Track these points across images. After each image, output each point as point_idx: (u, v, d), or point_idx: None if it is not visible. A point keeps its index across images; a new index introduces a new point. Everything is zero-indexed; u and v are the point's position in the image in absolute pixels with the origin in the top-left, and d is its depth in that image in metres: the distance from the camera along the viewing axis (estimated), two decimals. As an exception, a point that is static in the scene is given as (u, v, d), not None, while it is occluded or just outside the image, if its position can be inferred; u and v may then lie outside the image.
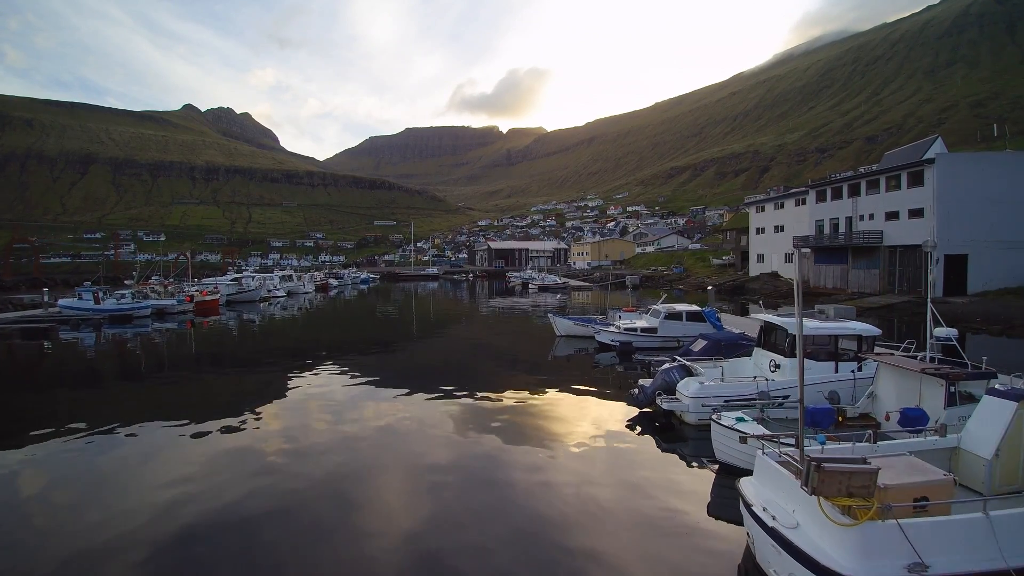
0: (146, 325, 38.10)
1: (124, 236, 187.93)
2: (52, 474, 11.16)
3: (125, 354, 28.17)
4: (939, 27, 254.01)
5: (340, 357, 25.16)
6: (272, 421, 14.63)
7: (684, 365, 14.23)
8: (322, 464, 11.22)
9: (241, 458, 11.62)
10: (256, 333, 36.98)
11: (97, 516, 8.99)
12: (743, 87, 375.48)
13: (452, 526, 8.48)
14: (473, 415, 14.87)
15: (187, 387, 20.03)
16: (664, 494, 9.71)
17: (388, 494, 10.01)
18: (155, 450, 12.38)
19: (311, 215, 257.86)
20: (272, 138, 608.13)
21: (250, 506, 9.20)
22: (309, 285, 74.11)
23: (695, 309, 24.04)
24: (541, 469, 10.81)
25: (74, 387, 20.29)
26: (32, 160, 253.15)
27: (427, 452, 11.92)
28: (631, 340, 23.34)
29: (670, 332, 23.36)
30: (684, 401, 13.03)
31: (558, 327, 28.14)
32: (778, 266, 58.89)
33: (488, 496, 9.64)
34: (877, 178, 44.62)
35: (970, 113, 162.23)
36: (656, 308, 24.66)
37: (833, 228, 49.53)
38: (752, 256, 64.35)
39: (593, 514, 8.87)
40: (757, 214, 64.44)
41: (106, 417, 14.95)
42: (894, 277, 42.88)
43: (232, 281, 58.87)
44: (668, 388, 13.75)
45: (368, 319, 45.81)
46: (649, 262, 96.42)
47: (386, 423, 14.22)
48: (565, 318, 28.45)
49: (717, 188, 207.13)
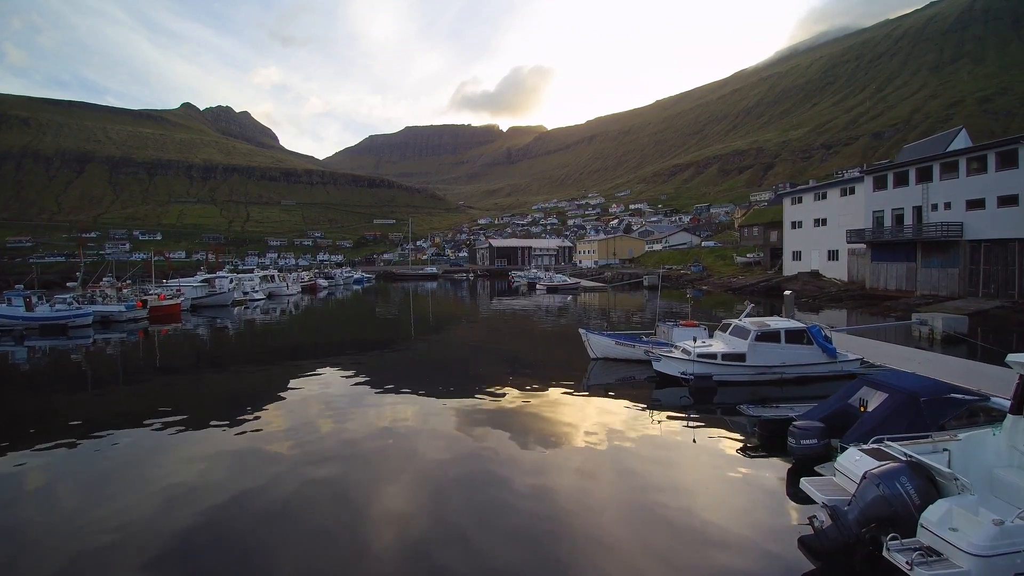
0: (86, 336, 31.71)
1: (120, 236, 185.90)
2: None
3: (32, 375, 22.82)
4: (943, 23, 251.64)
5: (317, 371, 21.85)
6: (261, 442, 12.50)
7: (916, 465, 6.99)
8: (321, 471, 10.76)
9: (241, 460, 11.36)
10: (216, 344, 30.75)
11: (96, 520, 8.79)
12: (745, 84, 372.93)
13: (453, 527, 8.38)
14: (474, 416, 14.29)
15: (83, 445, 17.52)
16: (668, 494, 9.52)
17: (389, 494, 9.86)
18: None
19: (310, 214, 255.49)
20: (271, 137, 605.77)
21: (250, 506, 9.13)
22: (294, 286, 68.00)
23: (796, 326, 17.28)
24: (543, 469, 10.66)
25: None
26: (28, 159, 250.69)
27: (428, 453, 11.70)
28: (710, 372, 16.27)
29: (764, 359, 16.62)
30: (961, 564, 5.78)
31: (593, 347, 20.88)
32: (819, 264, 53.07)
33: (490, 497, 9.51)
34: (955, 160, 37.80)
35: (978, 108, 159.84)
36: (739, 324, 17.60)
37: (896, 220, 42.49)
38: (786, 253, 58.40)
39: (596, 515, 8.75)
40: (793, 206, 58.06)
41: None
42: (977, 277, 36.38)
43: (201, 282, 51.56)
44: (894, 518, 6.57)
45: (359, 323, 42.06)
46: (662, 260, 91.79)
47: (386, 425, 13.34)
48: (602, 335, 21.32)
49: (721, 185, 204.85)
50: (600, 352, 20.71)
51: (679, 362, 16.83)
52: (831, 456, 9.16)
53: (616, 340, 20.69)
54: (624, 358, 20.17)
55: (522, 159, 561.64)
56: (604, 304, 49.98)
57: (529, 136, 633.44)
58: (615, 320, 37.66)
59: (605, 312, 43.51)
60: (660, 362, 17.52)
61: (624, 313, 42.22)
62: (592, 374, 19.27)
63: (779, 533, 7.98)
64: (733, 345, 17.03)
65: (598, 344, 20.81)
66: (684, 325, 20.82)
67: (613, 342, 20.59)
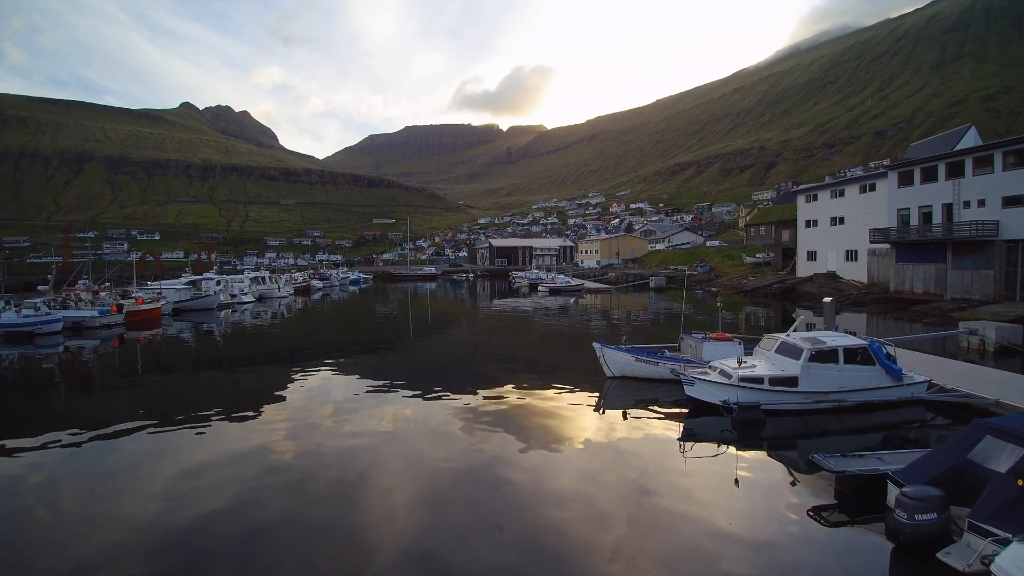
0: (55, 344, 29.54)
1: (118, 235, 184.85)
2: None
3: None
4: (944, 22, 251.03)
5: (287, 386, 21.04)
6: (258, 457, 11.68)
7: None
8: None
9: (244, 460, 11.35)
10: (199, 350, 28.82)
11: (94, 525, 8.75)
12: (745, 83, 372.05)
13: (453, 526, 8.33)
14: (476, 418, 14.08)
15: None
16: (671, 495, 9.38)
17: (389, 494, 9.82)
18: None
19: (309, 213, 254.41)
20: (271, 136, 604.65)
21: (251, 506, 9.10)
22: (286, 288, 64.85)
23: (856, 343, 14.55)
24: (544, 470, 10.58)
25: None
26: (27, 159, 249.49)
27: (429, 454, 11.69)
28: (757, 400, 13.42)
29: (821, 384, 13.89)
30: None
31: (609, 364, 18.09)
32: (837, 265, 50.34)
33: (491, 497, 9.40)
34: (990, 154, 35.41)
35: (981, 107, 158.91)
36: (788, 340, 14.86)
37: (924, 218, 40.09)
38: (800, 253, 55.83)
39: (597, 516, 8.66)
40: (807, 204, 55.24)
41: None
42: (1014, 280, 34.08)
43: (186, 285, 48.33)
44: None
45: (352, 326, 40.95)
46: (666, 260, 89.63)
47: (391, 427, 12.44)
48: (619, 349, 18.17)
49: (722, 185, 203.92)
50: (617, 370, 18.00)
51: (718, 387, 14.02)
52: (951, 535, 7.27)
53: (636, 356, 17.84)
54: (646, 377, 17.57)
55: (522, 158, 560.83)
56: (607, 305, 48.79)
57: (529, 135, 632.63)
58: (633, 322, 36.11)
59: (615, 318, 40.94)
60: (694, 386, 14.54)
61: (642, 317, 40.62)
62: (608, 395, 16.61)
63: None
64: (781, 366, 14.24)
65: (615, 360, 17.99)
66: (715, 339, 17.75)
67: (633, 358, 17.81)
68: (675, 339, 19.71)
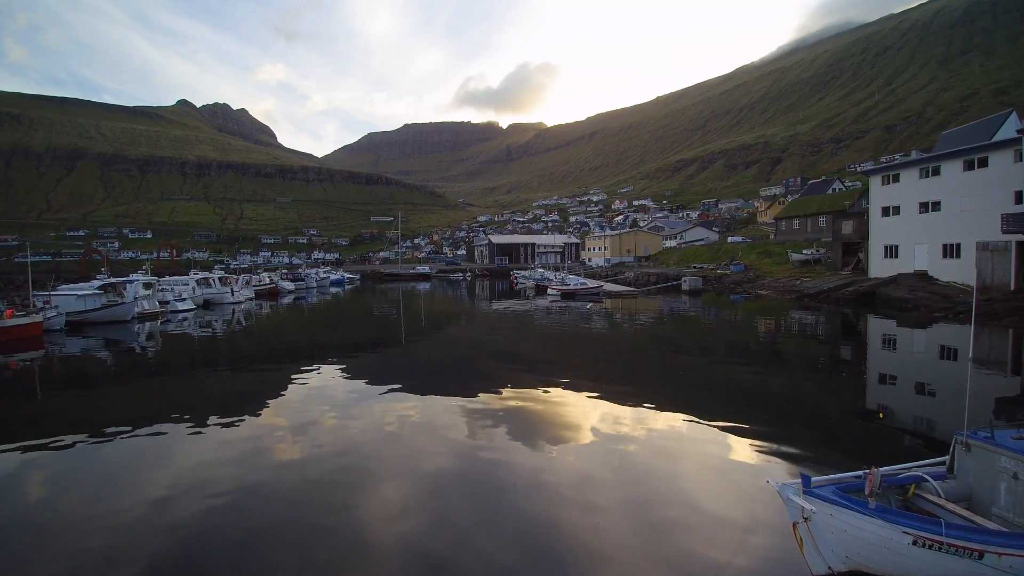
0: None
1: (109, 234, 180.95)
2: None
3: None
4: (950, 16, 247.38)
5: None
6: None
7: None
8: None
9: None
10: (60, 382, 20.70)
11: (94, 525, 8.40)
12: (748, 79, 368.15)
13: (453, 526, 8.22)
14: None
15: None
16: (673, 497, 9.04)
17: (389, 494, 9.57)
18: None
19: (305, 211, 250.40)
20: (269, 134, 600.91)
21: (250, 507, 8.95)
22: (243, 291, 55.12)
23: None
24: (545, 470, 10.18)
25: None
26: (18, 156, 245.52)
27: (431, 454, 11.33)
28: None
29: None
30: None
31: (827, 541, 6.20)
32: (929, 263, 40.18)
33: (491, 497, 9.24)
34: None
35: (993, 101, 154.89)
36: None
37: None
38: (875, 248, 45.04)
39: (597, 516, 8.40)
40: (884, 187, 44.45)
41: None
42: None
43: (99, 290, 37.73)
44: None
45: (294, 351, 28.22)
46: (686, 257, 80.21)
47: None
48: (857, 508, 5.97)
49: (728, 181, 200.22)
50: (845, 557, 6.12)
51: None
52: None
53: (911, 528, 5.70)
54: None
55: (522, 156, 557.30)
56: (645, 316, 38.42)
57: (529, 133, 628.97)
58: (734, 367, 20.76)
59: (697, 352, 24.21)
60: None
61: (733, 348, 25.18)
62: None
63: None
64: None
65: (845, 534, 6.01)
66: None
67: (900, 531, 5.68)
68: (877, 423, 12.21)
